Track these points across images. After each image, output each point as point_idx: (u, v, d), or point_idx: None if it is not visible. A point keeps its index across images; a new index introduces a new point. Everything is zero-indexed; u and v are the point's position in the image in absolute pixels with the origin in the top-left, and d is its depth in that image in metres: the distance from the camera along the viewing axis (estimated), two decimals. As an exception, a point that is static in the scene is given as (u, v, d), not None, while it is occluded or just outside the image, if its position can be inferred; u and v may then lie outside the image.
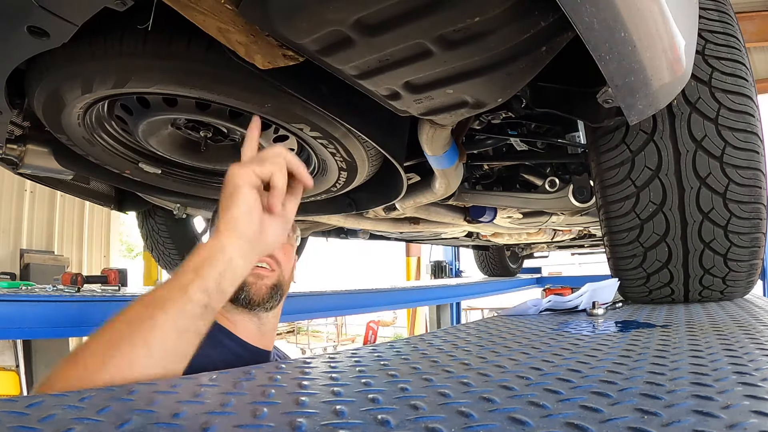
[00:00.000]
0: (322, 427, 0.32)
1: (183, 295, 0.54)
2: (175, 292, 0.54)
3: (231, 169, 0.60)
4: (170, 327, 0.52)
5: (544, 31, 0.66)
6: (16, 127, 1.34)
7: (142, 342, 0.50)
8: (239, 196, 0.59)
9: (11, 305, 1.47)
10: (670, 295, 1.18)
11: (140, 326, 0.51)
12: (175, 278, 0.56)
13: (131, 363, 0.49)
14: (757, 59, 6.48)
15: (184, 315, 0.53)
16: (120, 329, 0.52)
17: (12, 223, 4.83)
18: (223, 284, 0.57)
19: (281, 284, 0.94)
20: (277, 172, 0.61)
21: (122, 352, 0.50)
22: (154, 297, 0.54)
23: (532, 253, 5.74)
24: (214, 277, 0.56)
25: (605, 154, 1.15)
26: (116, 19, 0.80)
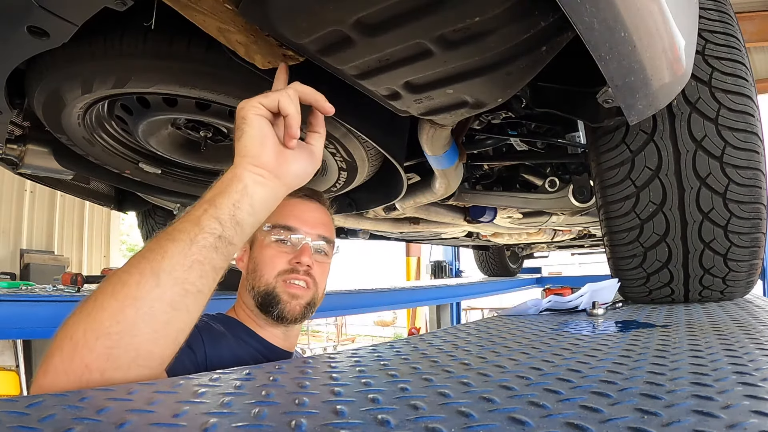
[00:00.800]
0: (322, 427, 0.32)
1: (194, 226, 0.53)
2: (187, 224, 0.54)
3: (239, 105, 0.60)
4: (180, 256, 0.51)
5: (544, 31, 0.66)
6: (16, 127, 1.34)
7: (150, 271, 0.50)
8: (245, 124, 0.59)
9: (11, 305, 1.47)
10: (670, 295, 1.18)
11: (150, 256, 0.51)
12: (190, 211, 0.56)
13: (139, 292, 0.49)
14: (757, 59, 6.48)
15: (195, 245, 0.52)
16: (133, 261, 0.52)
17: (12, 223, 4.83)
18: (239, 214, 0.56)
19: (315, 301, 0.92)
20: (284, 100, 0.60)
21: (132, 279, 0.50)
22: (167, 230, 0.54)
23: (532, 253, 5.74)
24: (227, 206, 0.55)
25: (605, 154, 1.15)
26: (116, 19, 0.80)
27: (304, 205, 0.94)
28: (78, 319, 0.48)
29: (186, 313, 0.52)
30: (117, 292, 0.49)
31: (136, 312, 0.49)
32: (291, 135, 0.62)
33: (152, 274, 0.50)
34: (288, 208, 0.92)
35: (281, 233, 0.90)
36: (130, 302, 0.49)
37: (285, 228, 0.90)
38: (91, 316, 0.48)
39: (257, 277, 0.88)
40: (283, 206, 0.84)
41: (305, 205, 0.94)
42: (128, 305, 0.48)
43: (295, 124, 0.61)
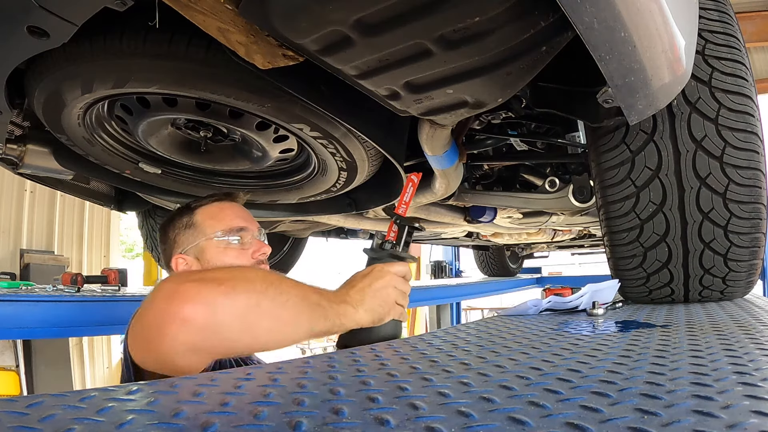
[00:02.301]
0: (322, 427, 0.32)
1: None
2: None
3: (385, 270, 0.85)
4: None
5: (544, 31, 0.66)
6: (16, 127, 1.34)
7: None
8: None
9: (11, 305, 1.47)
10: (670, 295, 1.18)
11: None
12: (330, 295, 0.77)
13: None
14: (757, 59, 6.48)
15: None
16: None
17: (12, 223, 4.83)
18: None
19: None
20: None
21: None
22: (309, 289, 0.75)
23: (532, 253, 5.73)
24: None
25: (605, 154, 1.15)
26: (116, 19, 0.80)
27: (234, 206, 1.10)
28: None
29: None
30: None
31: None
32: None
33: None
34: (224, 212, 1.07)
35: (237, 234, 1.04)
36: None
37: (238, 230, 1.04)
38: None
39: None
40: (218, 212, 1.07)
41: (235, 206, 1.10)
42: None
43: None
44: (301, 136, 1.18)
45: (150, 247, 2.71)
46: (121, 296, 1.80)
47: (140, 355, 0.71)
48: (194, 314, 0.62)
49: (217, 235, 1.03)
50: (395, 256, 0.91)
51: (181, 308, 0.62)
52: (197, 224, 1.05)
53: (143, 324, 0.69)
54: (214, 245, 1.03)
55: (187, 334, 0.62)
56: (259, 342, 0.69)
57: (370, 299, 0.80)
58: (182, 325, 0.62)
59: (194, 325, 0.62)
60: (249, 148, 1.41)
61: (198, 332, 0.62)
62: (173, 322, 0.62)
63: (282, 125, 1.15)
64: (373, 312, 0.80)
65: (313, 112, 1.04)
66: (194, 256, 1.03)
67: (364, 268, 0.88)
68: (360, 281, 0.83)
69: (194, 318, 0.62)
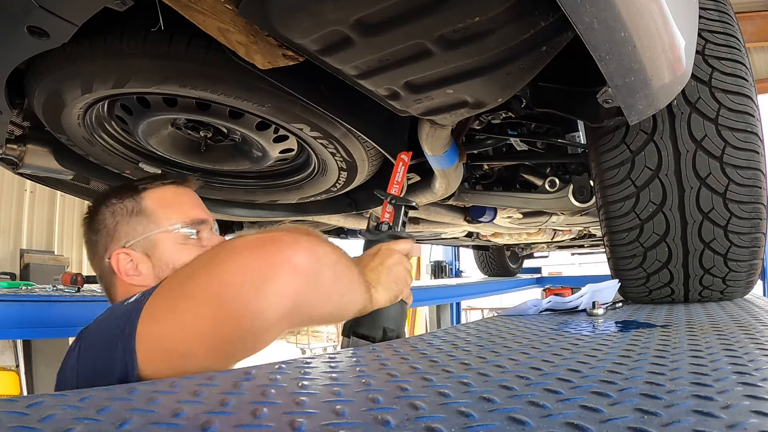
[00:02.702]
0: (322, 427, 0.32)
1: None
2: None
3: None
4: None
5: (544, 31, 0.66)
6: (16, 127, 1.34)
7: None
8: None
9: (11, 305, 1.47)
10: (670, 295, 1.18)
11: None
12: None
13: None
14: (757, 59, 6.48)
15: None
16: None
17: (12, 223, 4.84)
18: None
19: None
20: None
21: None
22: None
23: (532, 253, 5.73)
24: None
25: (605, 154, 1.15)
26: (116, 19, 0.80)
27: (189, 193, 0.92)
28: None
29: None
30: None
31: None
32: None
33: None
34: (180, 199, 0.89)
35: (197, 227, 0.86)
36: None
37: (199, 222, 0.87)
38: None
39: None
40: (174, 199, 0.88)
41: (189, 193, 0.92)
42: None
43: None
44: (301, 136, 1.18)
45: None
46: (121, 296, 1.79)
47: (180, 338, 0.57)
48: (304, 261, 0.56)
49: (176, 227, 0.84)
50: (395, 236, 0.90)
51: (288, 253, 0.55)
52: (148, 212, 0.84)
53: (202, 299, 0.56)
54: (171, 239, 0.84)
55: (298, 283, 0.55)
56: (342, 303, 0.66)
57: (386, 278, 0.80)
58: (292, 273, 0.55)
59: (304, 273, 0.56)
60: (249, 148, 1.41)
61: (307, 281, 0.56)
62: (282, 270, 0.54)
63: (282, 125, 1.15)
64: (390, 290, 0.79)
65: (313, 112, 1.04)
66: (143, 251, 0.82)
67: (368, 250, 0.87)
68: (371, 261, 0.82)
69: (304, 265, 0.56)
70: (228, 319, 0.56)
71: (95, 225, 0.86)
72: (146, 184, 0.88)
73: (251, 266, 0.55)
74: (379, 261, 0.82)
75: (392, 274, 0.81)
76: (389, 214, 0.95)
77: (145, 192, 0.86)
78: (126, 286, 0.81)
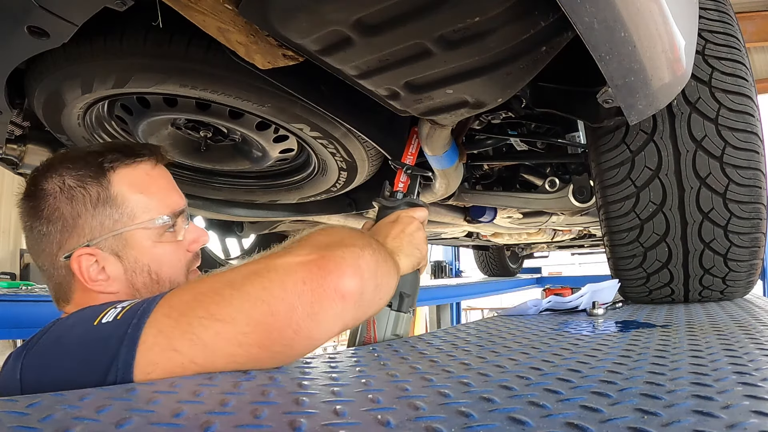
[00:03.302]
0: (322, 427, 0.32)
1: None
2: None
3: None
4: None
5: (544, 31, 0.66)
6: (16, 127, 1.34)
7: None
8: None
9: (11, 305, 1.47)
10: (670, 295, 1.18)
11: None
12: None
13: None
14: (757, 59, 6.48)
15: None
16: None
17: (12, 223, 4.83)
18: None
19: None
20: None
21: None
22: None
23: (532, 253, 5.73)
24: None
25: (605, 154, 1.15)
26: (116, 19, 0.80)
27: (165, 174, 0.76)
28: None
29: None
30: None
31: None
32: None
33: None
34: (156, 183, 0.72)
35: (176, 221, 0.72)
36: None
37: (179, 213, 0.73)
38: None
39: (163, 285, 0.69)
40: (149, 182, 0.71)
41: (165, 174, 0.76)
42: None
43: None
44: (301, 136, 1.18)
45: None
46: (121, 296, 1.79)
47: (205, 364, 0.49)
48: (352, 286, 0.54)
49: (156, 221, 0.69)
50: (412, 204, 0.91)
51: (338, 281, 0.53)
52: (118, 201, 0.67)
53: (235, 320, 0.49)
54: (147, 235, 0.69)
55: (349, 310, 0.54)
56: (381, 303, 0.63)
57: (408, 245, 0.79)
58: (342, 302, 0.53)
59: (352, 299, 0.54)
60: (249, 148, 1.41)
61: (357, 304, 0.55)
62: (332, 300, 0.52)
63: (282, 125, 1.15)
64: (412, 257, 0.79)
65: (313, 112, 1.04)
66: (111, 251, 0.67)
67: (386, 217, 0.86)
68: (392, 229, 0.81)
69: (352, 290, 0.54)
70: (275, 345, 0.51)
71: (44, 211, 0.66)
72: (113, 161, 0.69)
73: (298, 296, 0.51)
74: (400, 228, 0.81)
75: (413, 241, 0.80)
76: (403, 183, 0.96)
77: (113, 173, 0.68)
78: (87, 293, 0.66)
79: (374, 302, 0.61)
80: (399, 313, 0.84)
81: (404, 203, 0.90)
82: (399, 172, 0.98)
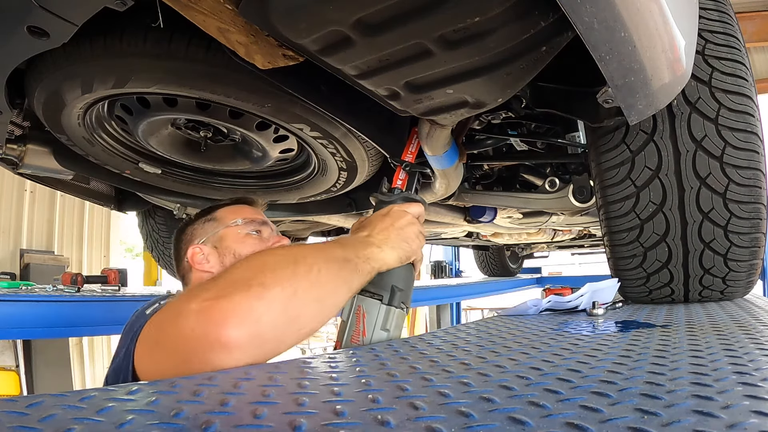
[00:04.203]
0: (322, 427, 0.32)
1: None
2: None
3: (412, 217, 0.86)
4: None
5: (544, 31, 0.66)
6: (16, 127, 1.34)
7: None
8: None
9: (11, 305, 1.47)
10: (670, 295, 1.18)
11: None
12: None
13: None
14: (757, 59, 6.49)
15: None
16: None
17: (12, 223, 4.83)
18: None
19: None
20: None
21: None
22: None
23: (532, 253, 5.74)
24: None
25: (605, 154, 1.15)
26: (116, 19, 0.80)
27: (252, 208, 1.12)
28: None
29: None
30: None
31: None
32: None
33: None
34: (244, 209, 1.09)
35: (257, 227, 1.05)
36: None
37: (260, 223, 1.06)
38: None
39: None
40: (238, 209, 1.09)
41: (252, 208, 1.13)
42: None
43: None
44: (301, 136, 1.18)
45: (150, 247, 2.71)
46: (121, 296, 1.80)
47: (158, 375, 0.63)
48: (237, 335, 0.55)
49: (237, 222, 1.03)
50: (409, 199, 0.90)
51: (219, 331, 0.54)
52: (217, 218, 1.07)
53: (167, 350, 0.61)
54: (234, 232, 1.03)
55: (232, 359, 0.55)
56: (306, 330, 0.64)
57: (395, 238, 0.79)
58: (225, 351, 0.55)
59: (239, 347, 0.55)
60: (249, 148, 1.41)
61: (244, 352, 0.56)
62: (214, 350, 0.55)
63: (282, 125, 1.15)
64: (399, 249, 0.79)
65: (313, 112, 1.04)
66: (212, 245, 1.02)
67: (378, 210, 0.86)
68: (381, 221, 0.82)
69: (237, 339, 0.55)
70: (182, 371, 0.57)
71: (179, 238, 1.10)
72: (219, 204, 1.12)
73: (185, 341, 0.57)
74: (389, 221, 0.81)
75: (402, 234, 0.80)
76: (401, 180, 0.96)
77: (217, 209, 1.10)
78: (198, 275, 1.00)
79: (287, 334, 0.61)
80: (390, 307, 0.82)
81: (401, 198, 0.90)
82: (398, 169, 0.98)
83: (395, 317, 0.83)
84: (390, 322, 0.83)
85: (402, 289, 0.83)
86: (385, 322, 0.82)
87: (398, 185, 0.95)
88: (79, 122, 1.19)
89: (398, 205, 0.86)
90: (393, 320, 0.83)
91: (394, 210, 0.84)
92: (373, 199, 0.93)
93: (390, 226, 0.80)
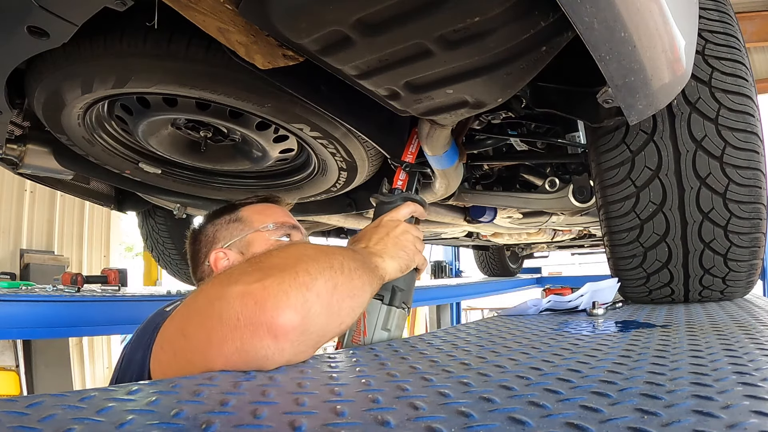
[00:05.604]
0: (322, 427, 0.32)
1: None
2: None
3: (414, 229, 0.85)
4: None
5: (544, 31, 0.66)
6: (16, 127, 1.34)
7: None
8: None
9: (11, 305, 1.47)
10: (670, 295, 1.18)
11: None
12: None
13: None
14: (757, 59, 6.48)
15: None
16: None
17: (12, 223, 4.83)
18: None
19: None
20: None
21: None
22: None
23: (532, 253, 5.73)
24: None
25: (605, 154, 1.14)
26: (116, 19, 0.80)
27: (279, 207, 1.08)
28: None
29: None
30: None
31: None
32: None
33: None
34: (272, 210, 1.05)
35: (288, 231, 1.01)
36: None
37: (290, 227, 1.02)
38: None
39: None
40: (266, 209, 1.05)
41: (280, 207, 1.08)
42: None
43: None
44: (301, 136, 1.18)
45: (150, 247, 2.71)
46: (121, 296, 1.80)
47: (177, 371, 0.57)
48: (289, 321, 0.51)
49: (268, 227, 0.99)
50: (409, 199, 0.90)
51: (271, 315, 0.51)
52: (243, 219, 1.01)
53: (194, 340, 0.55)
54: (264, 238, 0.98)
55: (277, 348, 0.51)
56: (344, 326, 0.61)
57: (393, 248, 0.79)
58: (272, 338, 0.51)
59: (286, 335, 0.51)
60: (249, 148, 1.41)
61: (290, 343, 0.52)
62: (258, 335, 0.50)
63: (282, 125, 1.15)
64: (398, 259, 0.78)
65: (313, 112, 1.04)
66: (238, 250, 0.97)
67: (379, 215, 0.87)
68: (375, 233, 0.81)
69: (288, 325, 0.51)
70: (214, 368, 0.53)
71: (198, 237, 1.03)
72: (242, 201, 1.06)
73: (231, 330, 0.51)
74: (384, 232, 0.81)
75: (399, 243, 0.80)
76: (402, 180, 0.96)
77: (242, 207, 1.04)
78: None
79: (330, 327, 0.58)
80: (391, 307, 0.82)
81: (401, 198, 0.90)
82: (398, 169, 0.98)
83: (396, 317, 0.83)
84: (391, 322, 0.83)
85: (403, 289, 0.83)
86: (386, 322, 0.82)
87: (398, 186, 0.95)
88: (79, 122, 1.19)
89: (387, 214, 0.86)
90: (394, 320, 0.83)
91: (385, 221, 0.84)
92: (374, 200, 0.93)
93: (386, 236, 0.80)
